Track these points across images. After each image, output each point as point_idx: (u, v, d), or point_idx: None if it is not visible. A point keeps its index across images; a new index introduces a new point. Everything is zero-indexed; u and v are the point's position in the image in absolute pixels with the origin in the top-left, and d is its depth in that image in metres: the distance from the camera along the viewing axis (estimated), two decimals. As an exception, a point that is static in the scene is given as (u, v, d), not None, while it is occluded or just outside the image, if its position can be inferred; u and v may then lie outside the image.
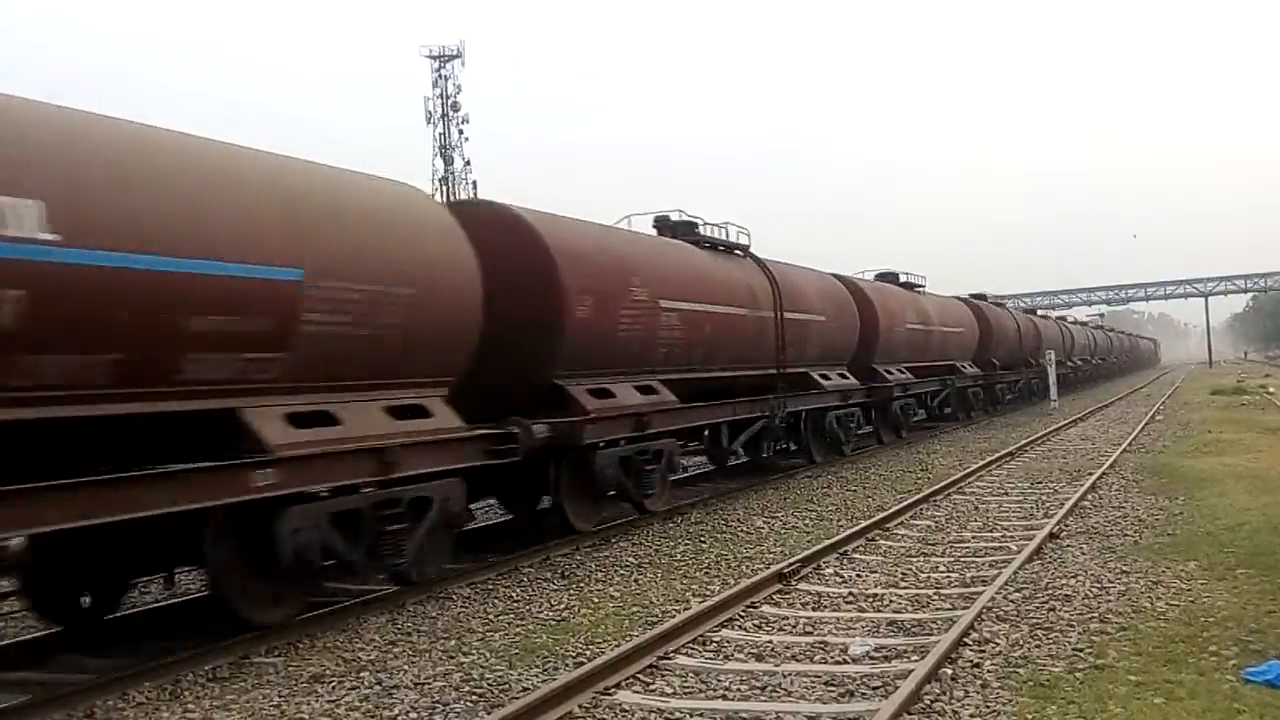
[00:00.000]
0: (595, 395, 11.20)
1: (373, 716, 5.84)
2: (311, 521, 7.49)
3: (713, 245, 15.25)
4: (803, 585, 8.56)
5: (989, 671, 6.01)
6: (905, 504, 12.42)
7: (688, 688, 6.05)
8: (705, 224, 15.26)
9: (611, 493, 11.64)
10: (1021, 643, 6.56)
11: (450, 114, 58.26)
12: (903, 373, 22.04)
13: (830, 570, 9.13)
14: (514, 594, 8.75)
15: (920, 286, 25.95)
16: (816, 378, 17.58)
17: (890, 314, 21.71)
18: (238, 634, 7.31)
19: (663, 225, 14.92)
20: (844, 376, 18.78)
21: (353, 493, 7.91)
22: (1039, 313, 52.83)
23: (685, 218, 15.04)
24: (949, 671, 6.01)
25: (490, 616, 8.01)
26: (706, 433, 15.00)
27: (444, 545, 9.08)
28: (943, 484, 14.19)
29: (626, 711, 5.67)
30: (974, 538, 10.56)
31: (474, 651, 7.00)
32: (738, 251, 15.84)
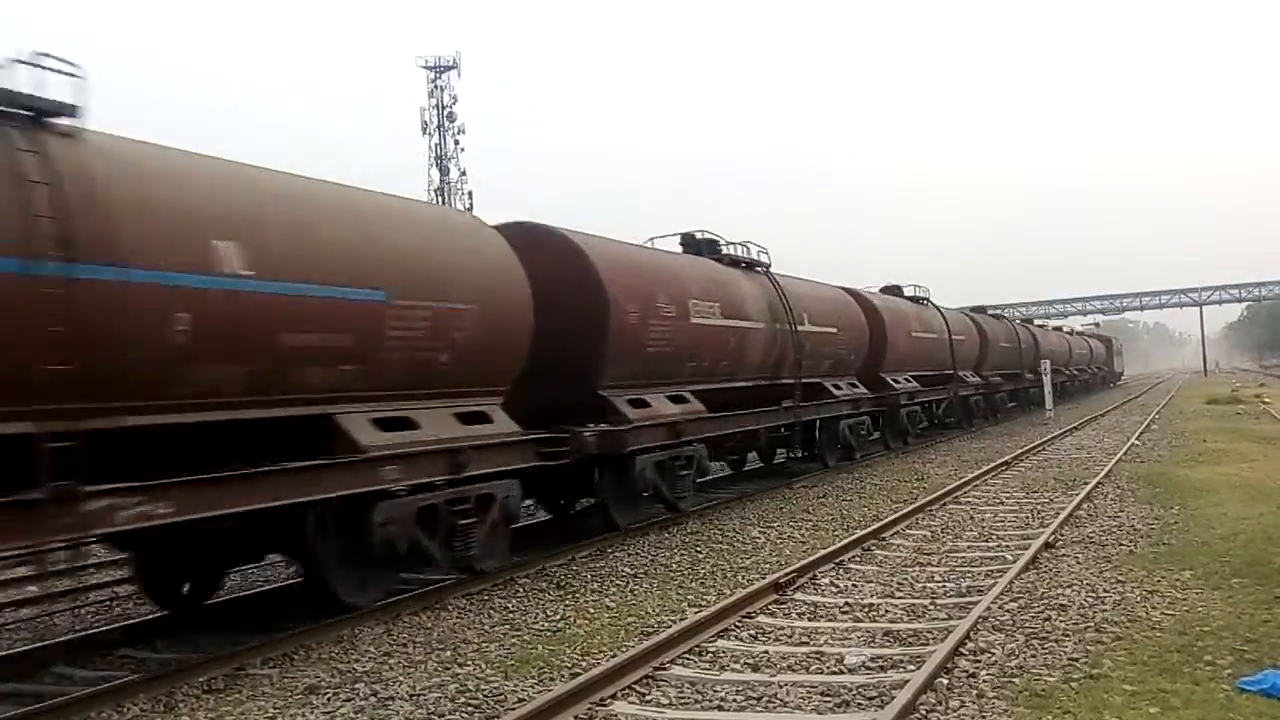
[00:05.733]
0: (634, 405, 12.06)
1: (368, 728, 5.83)
2: (399, 515, 8.38)
3: (734, 262, 16.01)
4: (799, 595, 8.56)
5: (984, 681, 6.01)
6: (901, 513, 12.42)
7: (683, 698, 6.04)
8: (726, 243, 16.04)
9: (648, 494, 12.37)
10: (1017, 652, 6.56)
11: (446, 124, 58.38)
12: (909, 381, 22.75)
13: (826, 580, 9.13)
14: (510, 605, 8.74)
15: (924, 299, 26.50)
16: (829, 387, 18.45)
17: (897, 326, 22.36)
18: (339, 613, 8.18)
19: (688, 243, 15.67)
20: (854, 386, 19.65)
21: (430, 490, 8.78)
22: (1035, 322, 52.40)
23: (708, 236, 15.83)
24: (945, 681, 6.01)
25: (486, 627, 8.00)
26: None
27: (504, 539, 9.92)
28: (939, 493, 14.19)
29: (622, 722, 5.67)
30: (970, 547, 10.56)
31: (469, 663, 7.00)
32: (758, 269, 16.56)
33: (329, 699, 6.33)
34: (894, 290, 25.31)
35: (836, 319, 18.90)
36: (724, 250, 15.92)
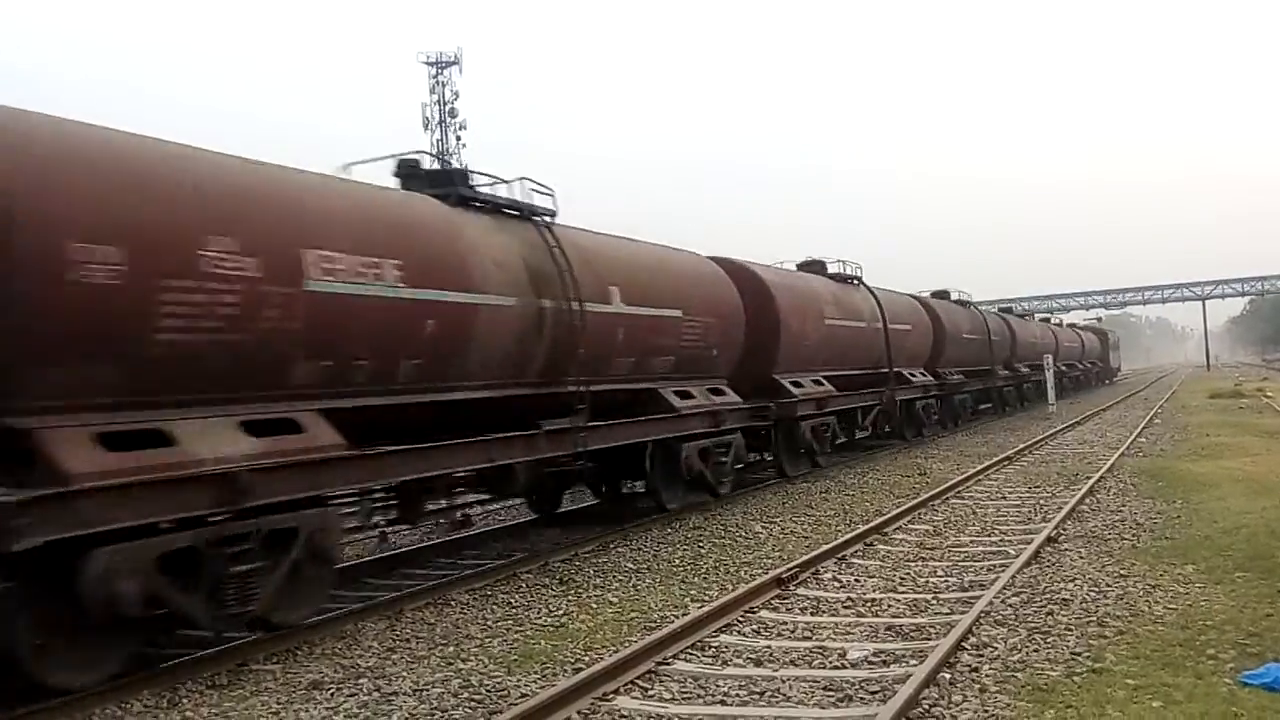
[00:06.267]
0: (112, 446, 6.45)
1: (371, 723, 5.84)
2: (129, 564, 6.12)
3: (482, 205, 10.35)
4: (801, 590, 8.57)
5: (987, 675, 6.01)
6: (903, 508, 12.43)
7: (686, 693, 6.05)
8: (496, 180, 10.58)
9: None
10: (1019, 647, 6.56)
11: (448, 120, 58.47)
12: (819, 384, 17.53)
13: (829, 575, 9.14)
14: (512, 600, 8.75)
15: (854, 279, 21.01)
16: (669, 397, 12.81)
17: (800, 309, 17.09)
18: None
19: (410, 174, 10.17)
20: (719, 392, 14.10)
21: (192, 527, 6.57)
22: (1015, 313, 50.70)
23: (446, 166, 11.00)
24: (947, 676, 6.01)
25: (489, 623, 8.01)
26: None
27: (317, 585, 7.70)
28: (941, 488, 14.20)
29: (625, 717, 5.68)
30: (972, 542, 10.57)
31: (472, 658, 7.01)
32: (536, 218, 10.87)
33: (332, 694, 6.34)
34: (814, 266, 20.00)
35: (687, 298, 13.14)
36: (474, 188, 10.27)
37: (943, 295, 28.95)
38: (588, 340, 10.83)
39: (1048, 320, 49.97)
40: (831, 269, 20.38)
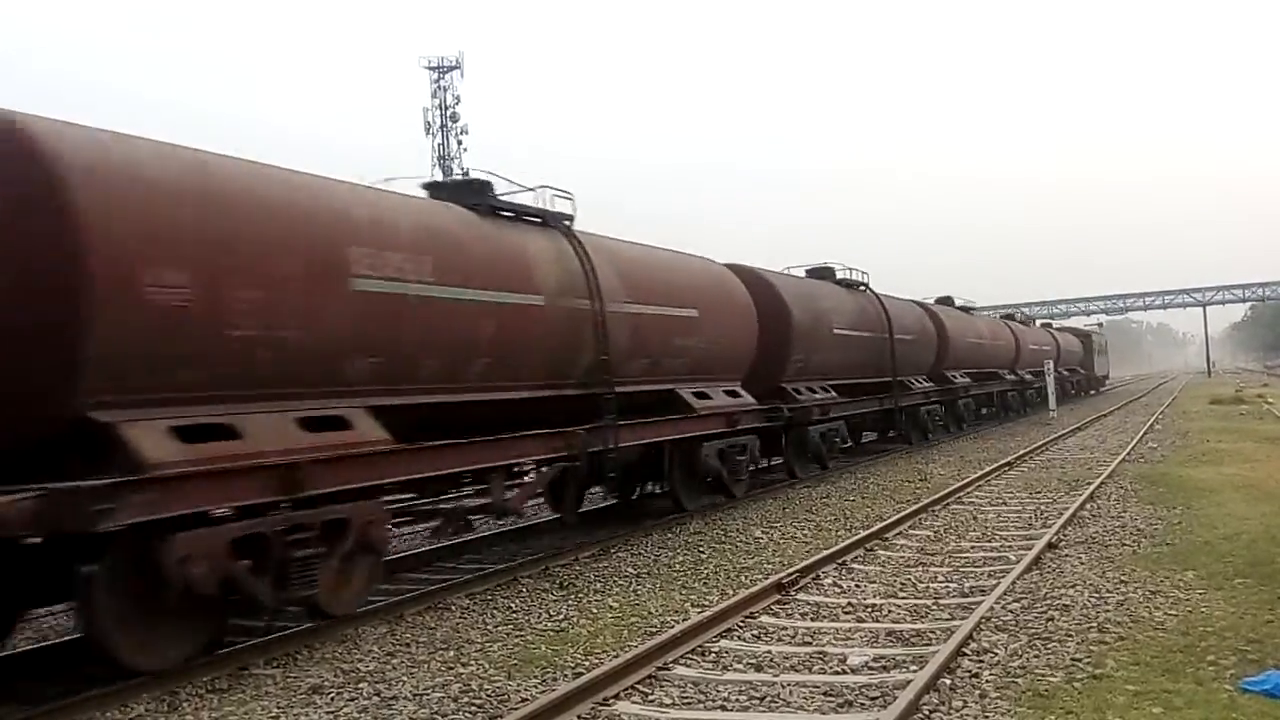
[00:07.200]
0: None
1: (371, 728, 5.83)
2: None
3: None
4: (801, 595, 8.57)
5: (987, 681, 6.01)
6: (904, 514, 12.42)
7: (686, 698, 6.05)
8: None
9: None
10: (1020, 652, 6.56)
11: (449, 124, 58.49)
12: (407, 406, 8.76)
13: (829, 580, 9.14)
14: (513, 604, 8.75)
15: (564, 217, 11.31)
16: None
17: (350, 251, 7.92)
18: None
19: None
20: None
21: None
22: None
23: None
24: (947, 681, 6.01)
25: (489, 627, 8.01)
26: None
27: None
28: (942, 493, 14.19)
29: (625, 722, 5.68)
30: (972, 548, 10.56)
31: (472, 662, 7.01)
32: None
33: (333, 699, 6.34)
34: (482, 190, 10.48)
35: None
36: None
37: (823, 274, 20.12)
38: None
39: (1012, 317, 40.32)
40: (531, 201, 11.04)
